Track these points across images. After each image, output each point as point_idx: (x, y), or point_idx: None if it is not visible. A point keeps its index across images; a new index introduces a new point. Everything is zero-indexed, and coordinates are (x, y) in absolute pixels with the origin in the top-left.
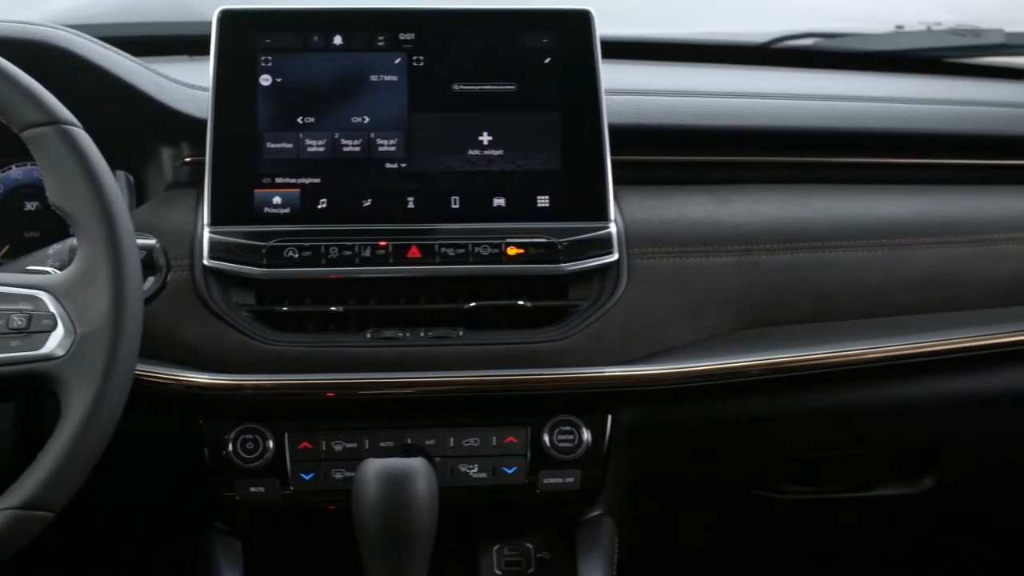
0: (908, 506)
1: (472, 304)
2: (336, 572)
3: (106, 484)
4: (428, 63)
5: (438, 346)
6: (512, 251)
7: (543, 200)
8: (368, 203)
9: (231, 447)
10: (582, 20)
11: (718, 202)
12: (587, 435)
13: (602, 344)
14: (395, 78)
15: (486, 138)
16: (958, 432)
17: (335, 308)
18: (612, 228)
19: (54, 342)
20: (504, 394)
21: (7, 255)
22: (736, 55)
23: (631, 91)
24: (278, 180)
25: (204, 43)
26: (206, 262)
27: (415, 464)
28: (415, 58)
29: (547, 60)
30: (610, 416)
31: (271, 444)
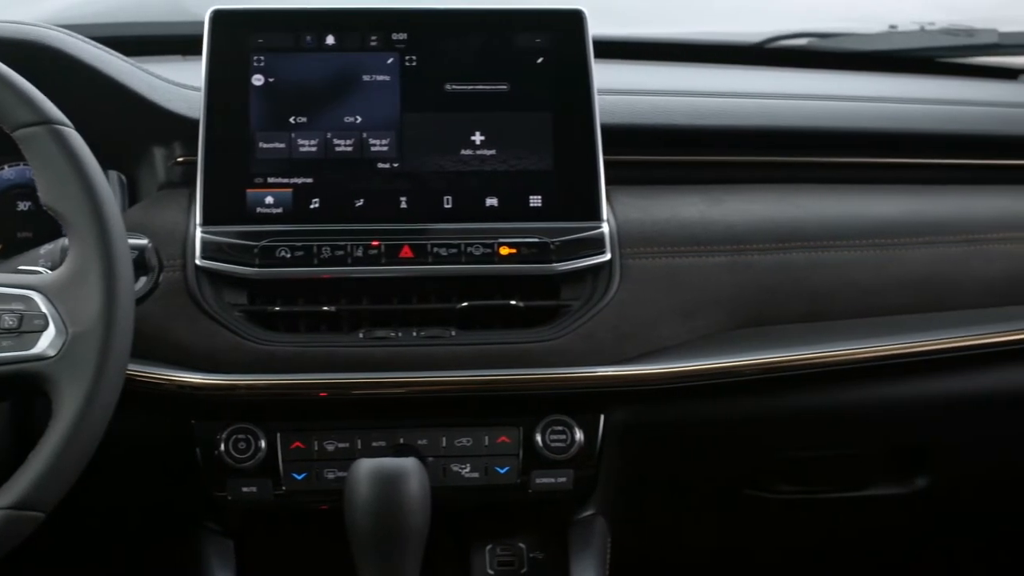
0: (900, 506)
1: (464, 304)
2: (328, 572)
3: (98, 484)
4: (421, 63)
5: (430, 346)
6: (504, 251)
7: (535, 200)
8: (360, 203)
9: (223, 447)
10: (575, 20)
11: (711, 202)
12: (579, 435)
13: (594, 344)
14: (387, 78)
15: (479, 138)
16: (950, 432)
17: (327, 308)
18: (604, 228)
19: (45, 342)
20: (496, 394)
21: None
22: (729, 55)
23: (624, 91)
24: (270, 180)
25: (197, 43)
26: (198, 262)
27: (407, 464)
28: (408, 58)
29: (540, 60)
30: (602, 416)
31: (263, 444)
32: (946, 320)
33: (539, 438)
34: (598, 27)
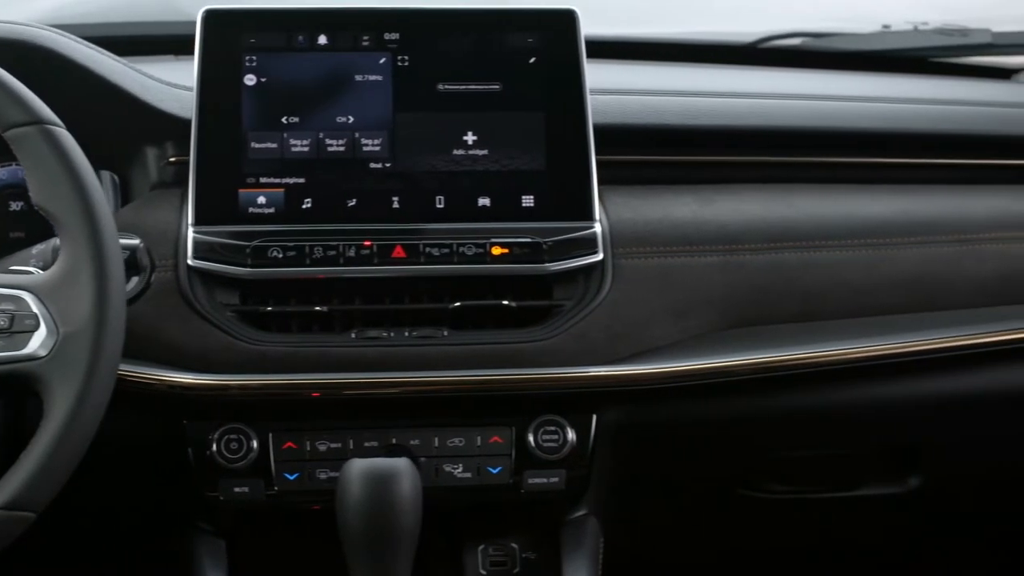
0: (893, 506)
1: (457, 304)
2: (320, 572)
3: (89, 484)
4: (413, 63)
5: (423, 346)
6: (497, 251)
7: (528, 200)
8: (353, 203)
9: (215, 447)
10: (567, 20)
11: (703, 202)
12: (572, 435)
13: (587, 344)
14: (380, 78)
15: (471, 138)
16: (942, 432)
17: (319, 308)
18: (597, 228)
19: (36, 342)
20: (489, 394)
21: None
22: (722, 55)
23: (616, 91)
24: (262, 180)
25: (189, 43)
26: (190, 262)
27: (399, 464)
28: (400, 58)
29: (532, 60)
30: (595, 416)
31: (255, 444)
32: (938, 320)
33: (531, 438)
34: (590, 27)
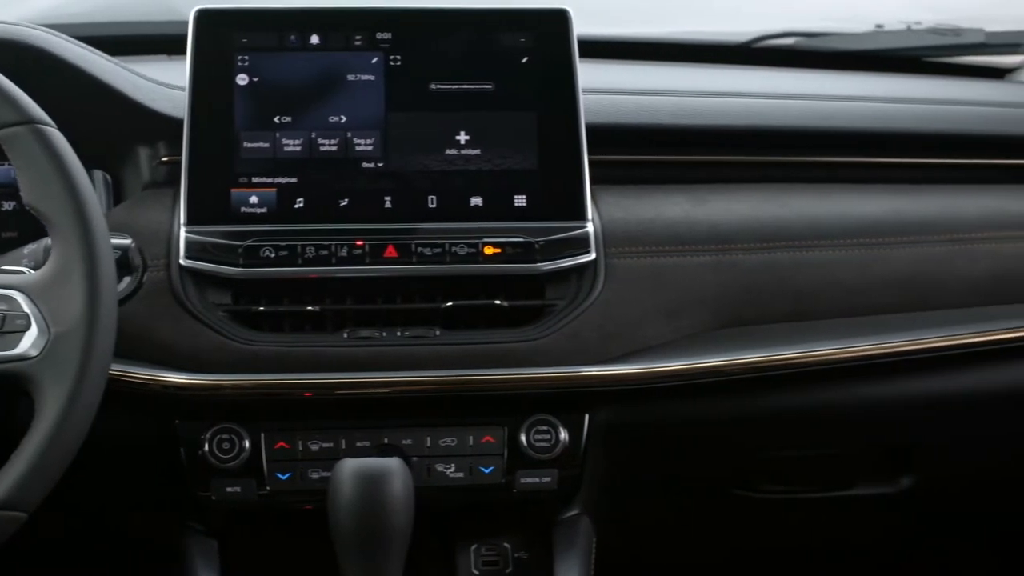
0: (886, 506)
1: (449, 304)
2: (312, 572)
3: (81, 484)
4: (405, 62)
5: (415, 346)
6: (489, 251)
7: (520, 199)
8: (345, 203)
9: (207, 447)
10: (559, 19)
11: (695, 201)
12: (564, 435)
13: (579, 344)
14: (372, 77)
15: (463, 137)
16: (934, 432)
17: (312, 308)
18: (589, 227)
19: (28, 342)
20: (481, 394)
21: None
22: (716, 54)
23: (609, 90)
24: (255, 180)
25: (182, 42)
26: (182, 262)
27: (390, 464)
28: (392, 57)
29: (524, 59)
30: (587, 416)
31: (247, 444)
32: (930, 320)
33: (524, 438)
34: (583, 26)
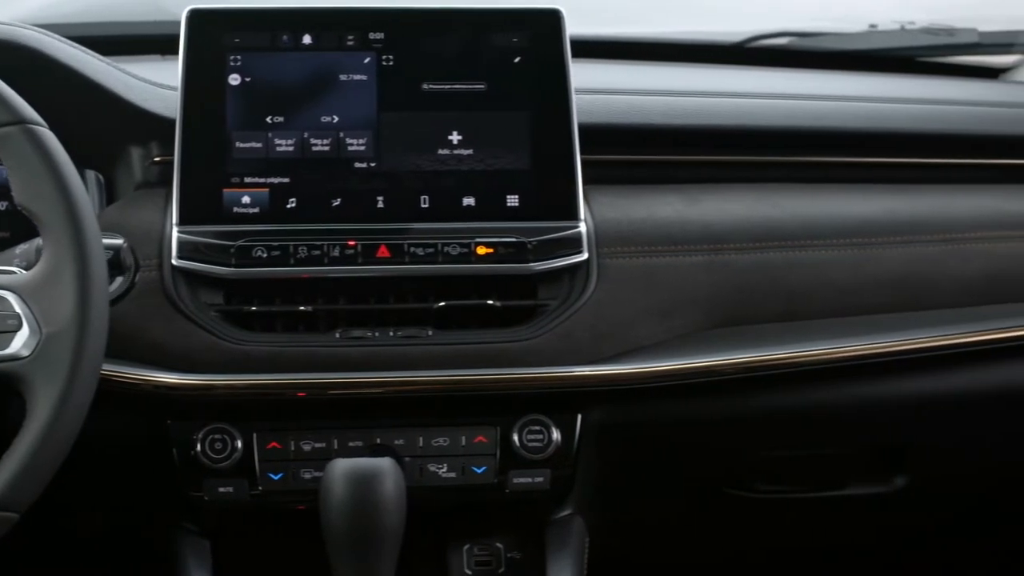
0: (880, 505)
1: (441, 304)
2: (305, 572)
3: (73, 484)
4: (398, 62)
5: (407, 346)
6: (481, 251)
7: (513, 199)
8: (337, 202)
9: (199, 447)
10: (552, 19)
11: (688, 201)
12: (556, 435)
13: (571, 344)
14: (364, 77)
15: (456, 137)
16: (926, 432)
17: (304, 308)
18: (582, 227)
19: (19, 342)
20: (473, 394)
21: None
22: (709, 54)
23: (601, 90)
24: (247, 180)
25: (174, 42)
26: (174, 262)
27: (382, 464)
28: (385, 57)
29: (517, 59)
30: (580, 416)
31: (239, 444)
32: (923, 320)
33: (516, 438)
34: (575, 26)
